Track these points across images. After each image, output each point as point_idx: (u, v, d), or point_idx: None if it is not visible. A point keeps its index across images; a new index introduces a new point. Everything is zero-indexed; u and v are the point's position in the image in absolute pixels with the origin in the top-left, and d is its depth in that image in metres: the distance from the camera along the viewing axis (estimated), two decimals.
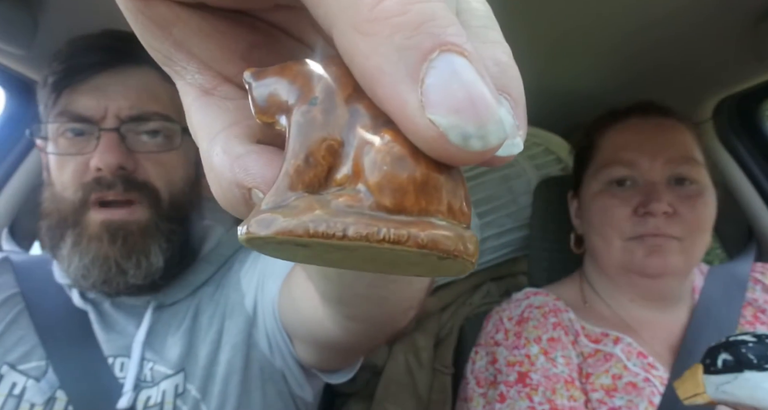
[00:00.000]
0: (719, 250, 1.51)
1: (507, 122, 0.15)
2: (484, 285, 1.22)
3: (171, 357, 0.68)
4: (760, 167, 1.26)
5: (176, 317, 0.72)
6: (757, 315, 0.84)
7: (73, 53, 0.70)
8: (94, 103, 0.67)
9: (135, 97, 0.68)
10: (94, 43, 0.70)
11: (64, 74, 0.68)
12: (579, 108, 0.99)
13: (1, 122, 1.08)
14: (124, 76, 0.69)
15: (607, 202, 0.84)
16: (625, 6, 0.92)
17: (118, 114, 0.67)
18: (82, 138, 0.67)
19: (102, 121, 0.67)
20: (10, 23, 0.85)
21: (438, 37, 0.13)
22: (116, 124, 0.67)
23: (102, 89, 0.67)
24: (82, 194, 0.66)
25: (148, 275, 0.67)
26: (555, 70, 1.23)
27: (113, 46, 0.70)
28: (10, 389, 0.63)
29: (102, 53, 0.69)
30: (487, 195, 1.14)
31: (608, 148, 0.88)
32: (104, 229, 0.65)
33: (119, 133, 0.67)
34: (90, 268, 0.65)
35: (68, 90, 0.67)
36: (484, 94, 0.13)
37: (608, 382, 0.75)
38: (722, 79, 1.17)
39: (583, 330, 0.82)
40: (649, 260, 0.78)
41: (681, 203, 0.79)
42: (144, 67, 0.70)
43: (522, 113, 0.17)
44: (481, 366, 0.83)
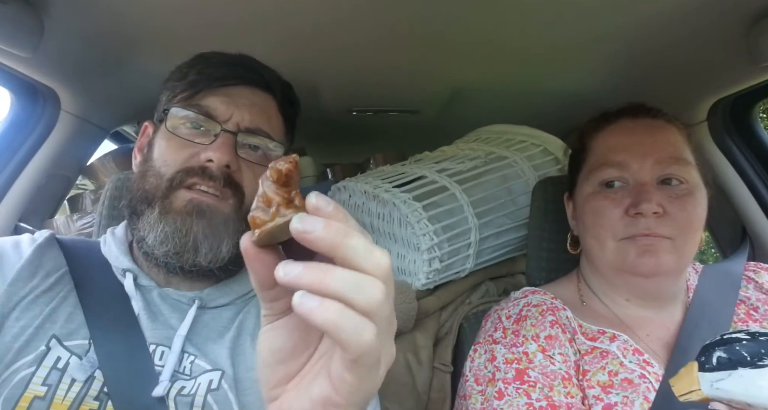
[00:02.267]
0: (713, 249, 1.53)
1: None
2: (483, 284, 1.23)
3: (212, 357, 0.72)
4: (753, 168, 1.27)
5: (218, 322, 0.77)
6: (750, 313, 0.85)
7: (217, 63, 0.81)
8: (224, 107, 0.77)
9: (256, 113, 0.79)
10: (235, 60, 0.83)
11: (208, 76, 0.79)
12: (577, 109, 1.00)
13: (8, 123, 1.09)
14: (252, 94, 0.81)
15: (599, 203, 0.85)
16: (622, 10, 0.94)
17: (239, 122, 0.78)
18: (198, 131, 0.77)
19: (225, 122, 0.77)
20: (17, 26, 0.86)
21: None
22: (236, 128, 0.77)
23: (233, 98, 0.79)
24: (182, 175, 0.74)
25: (214, 260, 0.74)
26: (553, 73, 1.25)
27: (250, 67, 0.83)
28: (56, 362, 0.66)
29: (241, 70, 0.81)
30: (486, 195, 1.14)
31: (599, 151, 0.89)
32: (192, 206, 0.72)
33: (236, 137, 0.77)
34: (170, 237, 0.72)
35: (206, 91, 0.78)
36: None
37: (605, 379, 0.76)
38: (717, 82, 1.18)
39: (580, 328, 0.83)
40: (641, 260, 0.79)
41: (671, 203, 0.80)
42: (267, 94, 0.83)
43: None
44: (480, 364, 0.83)
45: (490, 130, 1.42)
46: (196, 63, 0.81)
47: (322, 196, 0.35)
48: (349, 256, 0.33)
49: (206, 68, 0.80)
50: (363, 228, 0.36)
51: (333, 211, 0.34)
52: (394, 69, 1.23)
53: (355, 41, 1.06)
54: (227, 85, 0.79)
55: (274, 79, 0.85)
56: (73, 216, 1.28)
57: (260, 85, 0.82)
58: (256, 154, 0.80)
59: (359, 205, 1.20)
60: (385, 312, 0.34)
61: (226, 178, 0.74)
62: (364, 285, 0.33)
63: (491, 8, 0.93)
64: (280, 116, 0.85)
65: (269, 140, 0.80)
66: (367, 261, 0.34)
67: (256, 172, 0.79)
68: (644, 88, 1.25)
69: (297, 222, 0.33)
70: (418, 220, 1.03)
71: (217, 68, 0.80)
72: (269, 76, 0.84)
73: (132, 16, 0.94)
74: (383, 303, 0.34)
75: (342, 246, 0.33)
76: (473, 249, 1.12)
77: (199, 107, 0.77)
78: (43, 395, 0.64)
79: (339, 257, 0.33)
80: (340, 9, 0.93)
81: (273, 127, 0.82)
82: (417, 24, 0.99)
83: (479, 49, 1.11)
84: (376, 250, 0.34)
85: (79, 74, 1.12)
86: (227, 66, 0.81)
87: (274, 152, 0.81)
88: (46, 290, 0.72)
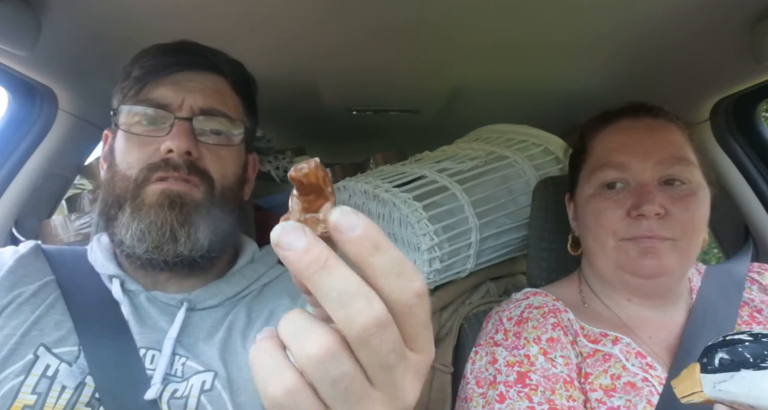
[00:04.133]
0: (717, 250, 1.52)
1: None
2: (484, 284, 1.23)
3: (204, 358, 0.72)
4: (756, 167, 1.26)
5: (207, 322, 0.76)
6: (754, 314, 0.84)
7: (159, 53, 0.80)
8: (173, 94, 0.77)
9: (208, 95, 0.79)
10: (177, 47, 0.81)
11: (151, 68, 0.78)
12: (578, 109, 1.00)
13: (5, 122, 1.08)
14: (201, 77, 0.80)
15: (600, 204, 0.84)
16: (623, 9, 0.93)
17: (192, 106, 0.77)
18: (154, 126, 0.76)
19: (178, 110, 0.76)
20: (14, 25, 0.86)
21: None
22: (190, 114, 0.76)
23: (182, 84, 0.78)
24: (146, 173, 0.73)
25: (194, 249, 0.74)
26: (555, 72, 1.24)
27: (194, 52, 0.81)
28: (44, 370, 0.66)
29: (185, 56, 0.80)
30: (487, 195, 1.14)
31: (600, 151, 0.88)
32: (164, 197, 0.72)
33: (191, 123, 0.76)
34: (146, 232, 0.72)
35: (153, 82, 0.77)
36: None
37: (607, 382, 0.75)
38: (719, 81, 1.17)
39: (582, 331, 0.83)
40: (642, 261, 0.79)
41: (673, 204, 0.79)
42: (217, 75, 0.82)
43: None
44: (481, 367, 0.83)
45: (491, 130, 1.42)
46: (138, 58, 0.81)
47: (350, 216, 0.27)
48: (319, 296, 0.27)
49: (148, 61, 0.79)
50: (395, 265, 0.28)
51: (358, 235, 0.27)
52: (394, 68, 1.22)
53: (355, 40, 1.06)
54: (173, 72, 0.78)
55: (222, 59, 0.84)
56: (71, 216, 1.27)
57: (208, 67, 0.81)
58: (218, 138, 0.79)
59: (359, 204, 1.19)
60: (326, 372, 0.27)
61: (190, 165, 0.74)
62: (301, 337, 0.28)
63: (492, 6, 0.92)
64: (235, 96, 0.84)
65: (227, 120, 0.79)
66: (335, 311, 0.27)
67: (222, 155, 0.79)
68: (646, 87, 1.25)
69: (276, 230, 0.27)
70: (418, 220, 1.03)
71: (159, 58, 0.79)
72: (215, 57, 0.83)
73: (130, 15, 0.93)
74: (316, 360, 0.27)
75: (311, 282, 0.27)
76: (474, 249, 1.11)
77: (148, 100, 0.76)
78: (33, 403, 0.64)
79: (312, 292, 0.27)
80: (338, 7, 0.92)
81: (229, 107, 0.81)
82: (417, 22, 0.99)
83: (480, 48, 1.11)
84: (357, 302, 0.27)
85: (77, 73, 1.11)
86: (169, 53, 0.80)
87: (236, 135, 0.81)
88: (29, 298, 0.72)
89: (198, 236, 0.74)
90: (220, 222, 0.77)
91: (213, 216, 0.76)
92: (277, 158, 1.55)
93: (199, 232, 0.74)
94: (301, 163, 0.30)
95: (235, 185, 0.82)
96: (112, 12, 0.92)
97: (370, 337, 0.27)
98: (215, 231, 0.76)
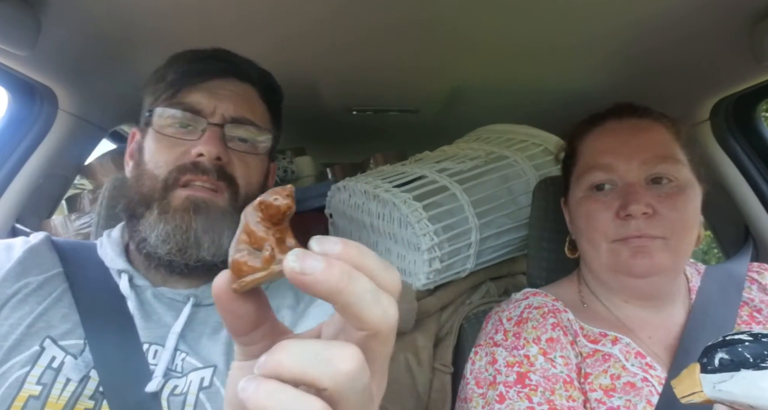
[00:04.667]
0: (717, 250, 1.52)
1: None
2: (484, 284, 1.23)
3: (204, 354, 0.73)
4: (756, 167, 1.27)
5: (213, 318, 0.77)
6: (754, 314, 0.84)
7: (192, 59, 0.83)
8: (207, 101, 0.79)
9: (239, 103, 0.81)
10: (210, 55, 0.84)
11: (186, 74, 0.80)
12: (578, 108, 1.00)
13: (5, 122, 1.09)
14: (232, 85, 0.82)
15: (590, 207, 0.84)
16: (623, 8, 0.93)
17: (224, 113, 0.79)
18: (186, 130, 0.78)
19: (210, 116, 0.78)
20: (14, 25, 0.86)
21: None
22: (221, 121, 0.79)
23: (214, 92, 0.80)
24: (176, 174, 0.75)
25: (217, 254, 0.75)
26: (554, 71, 1.24)
27: (226, 60, 0.84)
28: (50, 361, 0.67)
29: (217, 63, 0.83)
30: (487, 195, 1.14)
31: (587, 154, 0.89)
32: (190, 203, 0.74)
33: (223, 129, 0.78)
34: (171, 235, 0.73)
35: (187, 88, 0.79)
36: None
37: (607, 382, 0.76)
38: (719, 81, 1.17)
39: (581, 331, 0.83)
40: (634, 261, 0.79)
41: (661, 202, 0.79)
42: (247, 83, 0.84)
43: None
44: (481, 367, 0.83)
45: (491, 130, 1.42)
46: (173, 63, 0.83)
47: (326, 240, 0.29)
48: (352, 303, 0.28)
49: (182, 66, 0.81)
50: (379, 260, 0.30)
51: (342, 251, 0.29)
52: (393, 67, 1.22)
53: (354, 39, 1.06)
54: (206, 79, 0.80)
55: (252, 68, 0.86)
56: (71, 216, 1.27)
57: (238, 75, 0.84)
58: (245, 145, 0.81)
59: (359, 204, 1.19)
60: (357, 384, 0.28)
61: (219, 170, 0.76)
62: (328, 358, 0.28)
63: (492, 6, 0.92)
64: (262, 104, 0.86)
65: (255, 129, 0.82)
66: (371, 311, 0.28)
67: (248, 162, 0.81)
68: (646, 87, 1.25)
69: (293, 260, 0.27)
70: (418, 220, 1.03)
71: (193, 65, 0.81)
72: (246, 66, 0.85)
73: (130, 15, 0.93)
74: (352, 374, 0.28)
75: (345, 293, 0.28)
76: (474, 249, 1.11)
77: (183, 105, 0.78)
78: (38, 394, 0.64)
79: (340, 304, 0.28)
80: (338, 6, 0.92)
81: (257, 116, 0.83)
82: (417, 22, 0.99)
83: (480, 48, 1.11)
84: (384, 297, 0.29)
85: (77, 73, 1.12)
86: (203, 61, 0.82)
87: (263, 143, 0.83)
88: (36, 289, 0.72)
89: (222, 242, 0.75)
90: None
91: (236, 222, 0.76)
92: (278, 158, 1.55)
93: (224, 238, 0.75)
94: (283, 189, 0.31)
95: (257, 192, 0.83)
96: (112, 12, 0.92)
97: (393, 329, 0.29)
98: None
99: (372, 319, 0.28)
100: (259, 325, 0.33)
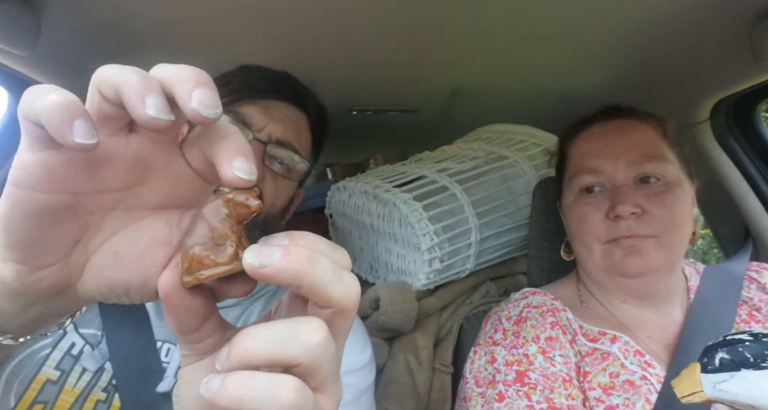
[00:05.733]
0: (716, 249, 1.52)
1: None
2: (484, 284, 1.23)
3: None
4: (756, 167, 1.27)
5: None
6: (753, 313, 0.85)
7: (260, 76, 0.85)
8: (260, 117, 0.79)
9: (289, 128, 0.82)
10: (279, 76, 0.86)
11: (249, 87, 0.81)
12: (578, 109, 1.00)
13: (5, 122, 1.08)
14: (287, 110, 0.83)
15: (581, 209, 0.85)
16: (623, 8, 0.93)
17: (271, 133, 0.80)
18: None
19: (258, 131, 0.79)
20: (14, 24, 0.86)
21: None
22: (267, 139, 0.79)
23: (270, 111, 0.81)
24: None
25: None
26: (555, 72, 1.24)
27: (290, 85, 0.86)
28: (70, 347, 0.68)
29: (281, 85, 0.84)
30: (487, 195, 1.14)
31: (576, 157, 0.90)
32: None
33: (265, 147, 0.79)
34: None
35: (246, 100, 0.80)
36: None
37: (606, 381, 0.76)
38: (719, 81, 1.17)
39: (580, 330, 0.83)
40: (627, 261, 0.80)
41: (649, 201, 0.80)
42: (302, 112, 0.85)
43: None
44: (480, 366, 0.83)
45: (491, 130, 1.42)
46: (241, 73, 0.85)
47: (272, 238, 0.30)
48: (316, 284, 0.28)
49: (249, 79, 0.83)
50: (327, 242, 0.31)
51: (290, 241, 0.30)
52: (393, 67, 1.22)
53: (354, 39, 1.06)
54: (266, 98, 0.82)
55: (310, 99, 0.88)
56: None
57: (297, 102, 0.85)
58: (282, 168, 0.82)
59: (359, 205, 1.20)
60: (327, 354, 0.29)
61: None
62: (296, 333, 0.28)
63: (492, 6, 0.92)
64: (310, 135, 0.87)
65: (296, 155, 0.82)
66: (336, 288, 0.29)
67: (278, 184, 0.82)
68: (646, 87, 1.25)
69: (250, 256, 0.28)
70: (418, 220, 1.03)
71: (260, 81, 0.83)
72: (307, 95, 0.87)
73: (129, 14, 0.93)
74: (324, 344, 0.28)
75: (308, 275, 0.28)
76: (474, 249, 1.12)
77: (237, 114, 0.79)
78: (56, 379, 0.65)
79: (305, 287, 0.28)
80: (337, 6, 0.92)
81: (302, 144, 0.84)
82: (417, 22, 0.99)
83: (480, 48, 1.11)
84: (345, 274, 0.30)
85: (76, 73, 1.11)
86: (270, 81, 0.84)
87: (299, 166, 0.83)
88: None
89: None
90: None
91: (252, 238, 0.77)
92: None
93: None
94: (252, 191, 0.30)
95: (278, 215, 0.84)
96: (112, 11, 0.92)
97: (355, 303, 0.30)
98: None
99: (337, 296, 0.29)
100: (208, 318, 0.32)
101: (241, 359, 0.27)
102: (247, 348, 0.27)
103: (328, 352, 0.28)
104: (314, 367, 0.28)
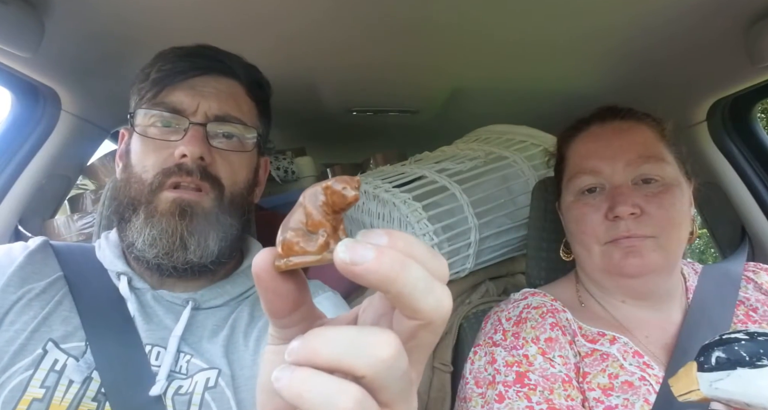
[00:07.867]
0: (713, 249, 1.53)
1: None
2: (483, 284, 1.23)
3: (208, 356, 0.73)
4: (753, 168, 1.27)
5: (211, 321, 0.78)
6: (750, 313, 0.85)
7: (176, 57, 0.81)
8: (189, 99, 0.77)
9: (223, 100, 0.79)
10: (194, 51, 0.82)
11: (168, 72, 0.78)
12: (577, 109, 1.01)
13: (9, 123, 1.09)
14: (216, 82, 0.80)
15: (580, 210, 0.86)
16: (621, 9, 0.94)
17: (207, 112, 0.78)
18: (169, 129, 0.77)
19: (193, 115, 0.77)
20: (17, 27, 0.86)
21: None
22: (204, 120, 0.77)
23: (197, 89, 0.78)
24: (161, 178, 0.74)
25: (204, 256, 0.75)
26: (553, 72, 1.25)
27: (210, 56, 0.82)
28: (53, 364, 0.67)
29: (201, 60, 0.81)
30: (486, 195, 1.14)
31: (574, 159, 0.90)
32: (176, 206, 0.73)
33: (205, 128, 0.77)
34: (158, 239, 0.73)
35: (170, 87, 0.78)
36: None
37: (605, 381, 0.76)
38: (716, 82, 1.18)
39: (580, 330, 0.83)
40: (626, 261, 0.80)
41: (648, 202, 0.80)
42: (232, 79, 0.83)
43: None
44: (480, 367, 0.83)
45: (490, 130, 1.42)
46: (156, 61, 0.81)
47: (371, 233, 0.28)
48: (405, 293, 0.26)
49: (166, 64, 0.80)
50: (427, 248, 0.29)
51: (388, 242, 0.27)
52: (393, 68, 1.23)
53: (354, 39, 1.06)
54: (189, 77, 0.79)
55: (237, 63, 0.84)
56: (74, 217, 1.28)
57: (223, 71, 0.82)
58: (231, 142, 0.80)
59: (359, 205, 1.20)
60: (395, 372, 0.27)
61: (203, 171, 0.75)
62: (364, 344, 0.27)
63: (492, 6, 0.93)
64: (249, 100, 0.84)
65: (242, 125, 0.80)
66: (425, 300, 0.27)
67: (233, 160, 0.80)
68: (644, 88, 1.25)
69: (343, 250, 0.26)
70: (418, 220, 1.03)
71: (176, 62, 0.80)
72: (231, 61, 0.84)
73: (132, 16, 0.94)
74: (390, 362, 0.26)
75: (397, 282, 0.26)
76: (473, 249, 1.12)
77: (164, 105, 0.77)
78: (42, 397, 0.65)
79: (393, 294, 0.26)
80: (338, 7, 0.93)
81: (243, 112, 0.82)
82: (417, 22, 0.99)
83: (480, 48, 1.11)
84: (437, 286, 0.27)
85: (79, 74, 1.12)
86: (187, 58, 0.81)
87: (249, 140, 0.82)
88: (39, 293, 0.73)
89: (208, 244, 0.75)
90: (229, 228, 0.79)
91: (222, 223, 0.77)
92: (278, 158, 1.56)
93: (209, 240, 0.75)
94: (353, 179, 0.29)
95: (245, 190, 0.83)
96: (115, 13, 0.92)
97: (445, 319, 0.28)
98: (224, 237, 0.78)
99: (425, 308, 0.27)
100: (298, 307, 0.31)
101: (307, 357, 0.27)
102: (314, 349, 0.27)
103: (395, 369, 0.27)
104: (381, 382, 0.27)
